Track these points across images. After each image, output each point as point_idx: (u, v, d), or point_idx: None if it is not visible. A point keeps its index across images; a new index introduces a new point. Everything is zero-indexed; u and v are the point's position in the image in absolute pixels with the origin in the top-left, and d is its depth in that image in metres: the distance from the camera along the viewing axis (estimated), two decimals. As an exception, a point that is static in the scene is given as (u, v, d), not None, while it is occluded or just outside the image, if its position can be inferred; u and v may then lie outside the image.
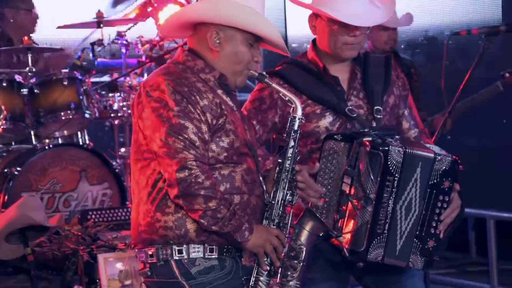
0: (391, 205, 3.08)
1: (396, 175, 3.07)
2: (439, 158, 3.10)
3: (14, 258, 4.76)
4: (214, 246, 2.85)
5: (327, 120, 3.26)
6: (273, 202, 2.90)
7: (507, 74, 4.97)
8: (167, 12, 6.25)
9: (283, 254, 2.86)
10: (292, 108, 2.94)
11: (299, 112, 2.92)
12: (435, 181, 3.11)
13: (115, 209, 5.24)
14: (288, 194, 2.91)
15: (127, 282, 4.28)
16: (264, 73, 2.97)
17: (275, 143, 3.39)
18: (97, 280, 4.36)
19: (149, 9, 6.34)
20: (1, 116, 2.14)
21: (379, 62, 3.39)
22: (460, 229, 3.27)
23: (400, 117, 3.40)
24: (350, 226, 3.11)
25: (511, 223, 6.27)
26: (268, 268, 2.87)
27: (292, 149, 2.91)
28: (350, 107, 3.25)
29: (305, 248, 2.90)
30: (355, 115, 3.23)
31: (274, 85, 2.97)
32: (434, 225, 3.13)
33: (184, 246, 2.84)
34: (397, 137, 3.19)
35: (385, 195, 3.07)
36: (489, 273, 6.17)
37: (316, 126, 3.25)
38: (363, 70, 3.34)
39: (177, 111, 2.79)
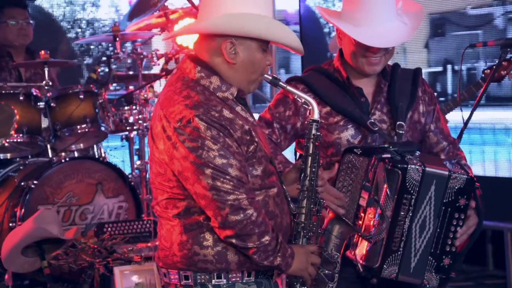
0: (407, 223, 3.06)
1: (414, 193, 3.05)
2: (453, 176, 3.08)
3: (30, 271, 4.78)
4: (251, 271, 2.79)
5: (349, 133, 3.24)
6: (300, 213, 2.84)
7: (487, 71, 4.97)
8: (183, 25, 6.27)
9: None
10: (308, 111, 2.90)
11: (316, 115, 2.87)
12: (450, 199, 3.09)
13: (131, 222, 5.25)
14: (313, 203, 2.85)
15: (143, 295, 4.29)
16: (278, 76, 2.90)
17: (297, 150, 3.37)
18: None
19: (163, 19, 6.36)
20: (14, 120, 2.16)
21: (407, 76, 3.35)
22: (477, 241, 3.25)
23: (427, 132, 3.37)
24: (365, 241, 3.09)
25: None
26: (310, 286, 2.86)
27: (312, 154, 2.86)
28: (372, 121, 3.22)
29: (339, 256, 2.89)
30: (376, 128, 3.21)
31: (288, 87, 2.92)
32: (450, 242, 3.12)
33: (224, 273, 2.77)
34: (417, 153, 3.14)
35: (401, 213, 3.06)
36: (506, 286, 6.16)
37: (337, 137, 3.23)
38: (389, 84, 3.30)
39: (218, 149, 2.66)
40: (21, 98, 5.45)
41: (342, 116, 3.24)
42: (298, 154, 3.35)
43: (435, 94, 4.18)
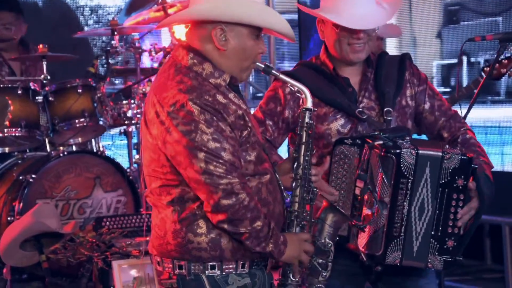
0: (406, 207, 3.07)
1: (410, 177, 3.05)
2: (447, 156, 3.08)
3: (29, 265, 4.81)
4: (245, 262, 2.79)
5: (338, 123, 3.26)
6: (294, 201, 2.84)
7: (486, 68, 4.97)
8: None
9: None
10: (301, 100, 2.90)
11: (309, 103, 2.88)
12: (446, 179, 3.09)
13: (129, 216, 5.24)
14: (306, 191, 2.85)
15: (141, 289, 4.31)
16: (270, 65, 2.91)
17: (290, 145, 3.39)
18: (112, 287, 4.37)
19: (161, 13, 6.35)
20: (8, 110, 2.15)
21: (393, 62, 3.38)
22: (475, 236, 3.25)
23: (422, 113, 3.37)
24: (366, 230, 3.10)
25: (526, 229, 6.26)
26: (300, 276, 2.85)
27: (305, 143, 2.86)
28: (361, 109, 3.25)
29: (332, 244, 2.88)
30: (365, 116, 3.23)
31: (281, 76, 2.93)
32: (451, 224, 3.10)
33: (218, 263, 2.77)
34: (408, 138, 3.15)
35: (399, 198, 3.06)
36: (504, 280, 6.17)
37: (327, 128, 3.25)
38: (375, 71, 3.33)
39: (211, 133, 2.66)
40: (19, 92, 5.47)
41: (331, 107, 3.25)
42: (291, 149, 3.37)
43: (449, 89, 4.19)
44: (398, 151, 3.03)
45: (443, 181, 3.08)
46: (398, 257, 3.08)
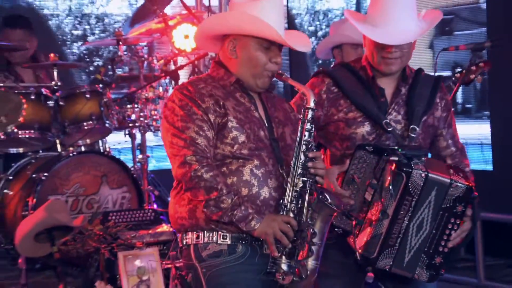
0: (406, 222, 3.05)
1: (415, 196, 3.02)
2: (454, 184, 3.05)
3: (42, 255, 4.77)
4: (226, 233, 2.85)
5: (365, 129, 3.20)
6: (287, 189, 2.85)
7: (457, 74, 4.93)
8: (181, 30, 6.27)
9: (294, 237, 2.79)
10: (305, 100, 2.91)
11: (311, 104, 2.89)
12: (448, 205, 3.07)
13: (134, 211, 5.23)
14: (301, 182, 2.84)
15: (145, 278, 4.27)
16: (282, 72, 2.97)
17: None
18: (117, 276, 4.36)
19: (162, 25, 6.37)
20: (22, 108, 2.14)
21: (428, 81, 3.31)
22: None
23: (438, 136, 3.33)
24: (366, 233, 3.08)
25: (495, 223, 6.27)
26: (278, 253, 2.80)
27: (303, 137, 2.88)
28: (388, 121, 3.19)
29: (315, 231, 2.83)
30: (390, 129, 3.18)
31: (290, 80, 2.98)
32: (443, 244, 3.09)
33: (200, 232, 2.87)
34: (424, 159, 3.10)
35: (401, 212, 3.04)
36: (476, 269, 6.20)
37: (353, 132, 3.20)
38: (409, 87, 3.26)
39: (181, 115, 2.86)
40: (32, 97, 5.43)
41: (360, 113, 3.20)
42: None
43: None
44: (409, 170, 3.00)
45: (445, 205, 3.07)
46: (388, 263, 3.08)
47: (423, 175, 3.01)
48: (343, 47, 4.85)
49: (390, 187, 3.03)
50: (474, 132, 6.23)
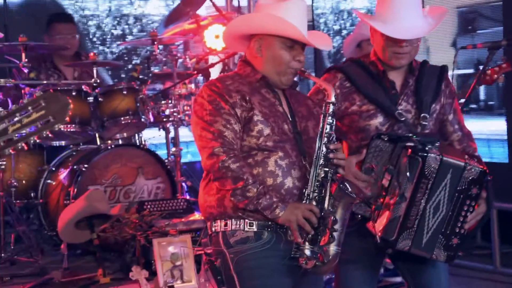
0: (423, 204, 3.03)
1: (431, 179, 3.01)
2: (468, 167, 3.04)
3: (82, 242, 4.83)
4: (253, 221, 2.86)
5: (378, 120, 3.21)
6: (309, 178, 2.85)
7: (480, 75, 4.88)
8: (212, 31, 6.30)
9: (316, 224, 2.78)
10: (326, 95, 2.92)
11: (332, 98, 2.90)
12: (463, 187, 3.05)
13: (167, 200, 5.24)
14: (323, 172, 2.84)
15: (178, 263, 4.27)
16: (304, 69, 2.97)
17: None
18: (152, 261, 4.35)
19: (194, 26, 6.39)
20: (69, 108, 2.18)
21: (433, 72, 3.33)
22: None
23: (445, 121, 3.34)
24: (384, 217, 3.07)
25: (511, 213, 6.25)
26: (301, 240, 2.79)
27: (324, 130, 2.88)
28: (400, 111, 3.20)
29: (337, 218, 2.83)
30: (403, 119, 3.19)
31: (312, 76, 3.00)
32: (459, 225, 3.07)
33: (228, 220, 2.88)
34: (437, 144, 3.10)
35: (418, 195, 3.02)
36: (492, 256, 6.16)
37: (367, 124, 3.21)
38: (416, 78, 3.28)
39: (209, 109, 2.87)
40: (73, 93, 5.48)
41: (373, 105, 3.21)
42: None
43: (464, 100, 4.16)
44: (425, 154, 3.00)
45: (460, 188, 3.05)
46: (407, 244, 3.06)
47: (438, 158, 3.01)
48: (362, 45, 4.85)
49: (407, 171, 3.03)
50: (497, 128, 6.10)
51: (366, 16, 3.34)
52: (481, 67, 4.43)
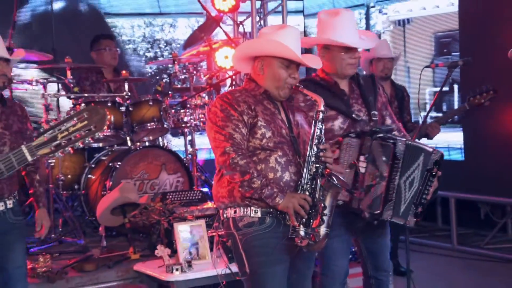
0: (397, 180, 3.12)
1: (401, 159, 3.11)
2: (434, 151, 3.17)
3: (116, 225, 4.84)
4: (257, 208, 2.87)
5: (339, 121, 3.28)
6: (303, 173, 2.85)
7: (471, 98, 4.95)
8: (222, 52, 6.31)
9: (309, 210, 2.79)
10: (316, 105, 2.94)
11: (322, 107, 2.92)
12: (429, 167, 3.16)
13: (186, 192, 5.14)
14: (314, 168, 2.84)
15: (194, 242, 4.31)
16: (298, 84, 2.99)
17: None
18: (173, 241, 4.37)
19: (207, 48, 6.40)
20: (107, 118, 2.20)
21: (367, 79, 3.42)
22: (430, 205, 3.30)
23: (384, 116, 3.42)
24: (368, 196, 3.11)
25: (466, 201, 6.26)
26: (296, 223, 2.80)
27: (315, 133, 2.89)
28: (356, 113, 3.28)
29: (326, 205, 2.84)
30: (360, 118, 3.27)
31: (305, 90, 2.99)
32: (424, 196, 3.17)
33: (237, 208, 2.89)
34: (394, 133, 3.24)
35: (393, 173, 3.11)
36: (451, 236, 6.19)
37: (332, 125, 3.28)
38: (358, 85, 3.36)
39: (221, 116, 2.87)
40: (109, 104, 5.49)
41: (333, 111, 3.26)
42: None
43: (441, 113, 4.22)
44: (394, 141, 3.11)
45: (428, 167, 3.16)
46: (390, 215, 3.14)
47: (403, 143, 3.12)
48: (373, 61, 5.14)
49: (383, 156, 3.08)
50: (455, 138, 6.16)
51: (316, 40, 3.35)
52: (455, 86, 4.48)
